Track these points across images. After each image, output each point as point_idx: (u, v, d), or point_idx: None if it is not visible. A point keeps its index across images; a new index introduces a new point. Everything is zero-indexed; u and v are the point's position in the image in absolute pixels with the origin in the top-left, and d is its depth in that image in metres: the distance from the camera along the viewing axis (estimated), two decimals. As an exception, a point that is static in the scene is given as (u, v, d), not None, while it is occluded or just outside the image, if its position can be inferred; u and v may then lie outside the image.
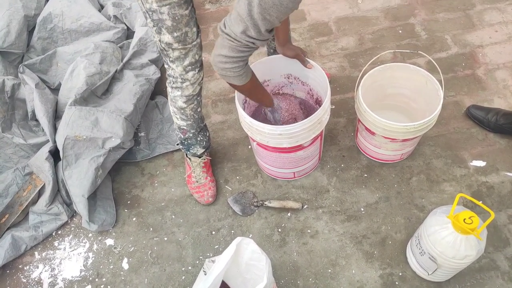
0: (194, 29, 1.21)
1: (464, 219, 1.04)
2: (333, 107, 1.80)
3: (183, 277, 1.46)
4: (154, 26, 1.15)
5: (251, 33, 0.99)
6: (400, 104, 1.63)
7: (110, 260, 1.53)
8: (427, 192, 1.53)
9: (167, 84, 1.37)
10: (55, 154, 1.64)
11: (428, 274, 1.27)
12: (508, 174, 1.53)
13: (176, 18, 1.12)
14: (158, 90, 1.96)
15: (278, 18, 0.96)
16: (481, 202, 1.22)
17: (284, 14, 0.96)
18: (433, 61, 1.45)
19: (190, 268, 1.48)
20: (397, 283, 1.36)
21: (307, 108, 1.61)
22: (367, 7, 2.18)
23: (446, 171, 1.57)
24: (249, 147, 1.75)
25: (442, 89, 1.37)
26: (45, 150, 1.62)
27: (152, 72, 1.89)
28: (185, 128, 1.47)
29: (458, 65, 1.87)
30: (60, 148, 1.55)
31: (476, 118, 1.66)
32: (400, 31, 2.05)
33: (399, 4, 2.16)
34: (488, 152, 1.60)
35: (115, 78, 1.83)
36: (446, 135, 1.67)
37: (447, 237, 1.10)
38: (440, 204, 1.48)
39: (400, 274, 1.37)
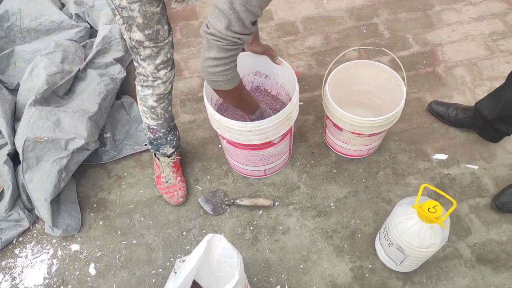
0: (166, 27, 1.18)
1: (429, 208, 1.08)
2: (302, 103, 1.82)
3: (154, 280, 1.42)
4: (124, 23, 1.11)
5: (235, 28, 0.96)
6: (366, 100, 1.67)
7: (75, 266, 1.47)
8: (393, 186, 1.57)
9: (136, 82, 1.33)
10: (14, 157, 1.56)
11: (396, 265, 1.31)
12: (468, 166, 1.60)
13: (147, 15, 1.10)
14: (124, 89, 1.91)
15: (260, 8, 0.94)
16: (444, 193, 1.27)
17: (266, 2, 0.94)
18: (396, 58, 1.49)
19: (160, 270, 1.44)
20: (367, 275, 1.38)
21: (277, 105, 1.62)
22: (332, 7, 2.23)
23: (410, 165, 1.62)
24: (219, 146, 1.74)
25: (404, 85, 1.41)
26: (3, 153, 1.54)
27: (117, 71, 1.84)
28: (155, 127, 1.44)
29: (419, 62, 1.95)
30: (19, 150, 1.47)
31: (437, 113, 1.72)
32: (364, 31, 2.10)
33: (362, 5, 2.22)
34: (449, 146, 1.67)
35: (78, 77, 1.77)
36: (410, 130, 1.72)
37: (413, 227, 1.13)
38: (406, 196, 1.51)
39: (370, 266, 1.40)
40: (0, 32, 1.91)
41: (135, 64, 1.26)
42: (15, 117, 1.66)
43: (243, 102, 1.29)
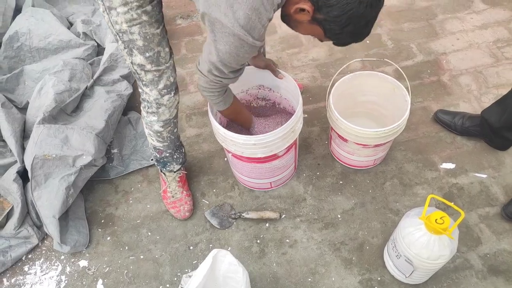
0: (167, 49, 1.20)
1: (436, 220, 1.07)
2: (306, 116, 1.82)
3: (161, 296, 1.42)
4: (125, 48, 1.14)
5: (216, 73, 1.09)
6: (371, 111, 1.66)
7: (84, 283, 1.47)
8: (400, 196, 1.56)
9: (141, 108, 1.35)
10: (23, 175, 1.58)
11: (406, 277, 1.29)
12: (477, 175, 1.58)
13: (148, 37, 1.11)
14: (130, 105, 1.94)
15: (238, 65, 1.07)
16: (452, 203, 1.25)
17: (242, 62, 1.05)
18: (400, 69, 1.50)
19: (168, 285, 1.44)
20: (376, 287, 1.36)
21: (280, 117, 1.62)
22: (336, 19, 2.24)
23: (417, 175, 1.61)
24: (225, 159, 1.74)
25: (409, 95, 1.41)
26: (12, 171, 1.57)
27: (124, 88, 1.87)
28: (161, 148, 1.45)
29: (424, 72, 1.94)
30: (28, 168, 1.49)
31: (443, 122, 1.71)
32: (367, 41, 2.11)
33: (365, 16, 2.23)
34: (456, 155, 1.65)
35: (85, 95, 1.80)
36: (416, 139, 1.71)
37: (421, 238, 1.12)
38: (414, 207, 1.50)
39: (379, 278, 1.38)
40: (11, 52, 1.96)
41: (139, 90, 1.28)
42: (24, 135, 1.69)
43: (235, 120, 1.39)
